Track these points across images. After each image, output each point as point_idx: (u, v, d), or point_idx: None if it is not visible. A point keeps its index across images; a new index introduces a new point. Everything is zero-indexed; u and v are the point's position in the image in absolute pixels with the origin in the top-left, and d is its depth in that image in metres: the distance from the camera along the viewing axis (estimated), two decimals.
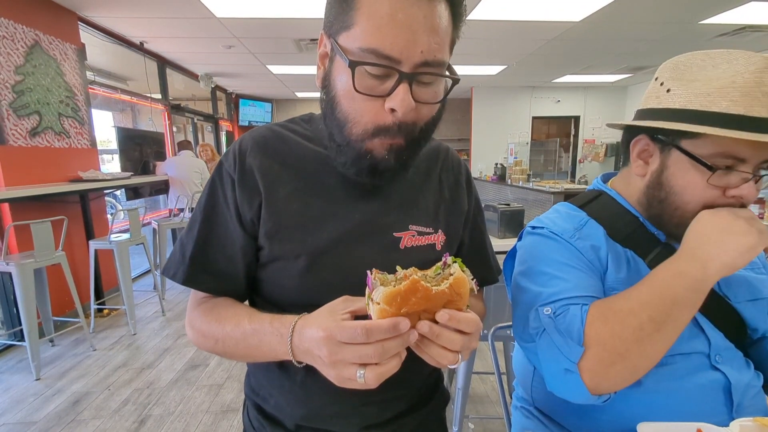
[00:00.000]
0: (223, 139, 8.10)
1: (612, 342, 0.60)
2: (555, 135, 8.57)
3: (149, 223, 4.14)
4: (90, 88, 3.79)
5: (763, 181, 0.64)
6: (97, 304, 3.32)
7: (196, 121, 6.98)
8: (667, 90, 0.66)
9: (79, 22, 3.65)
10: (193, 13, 3.68)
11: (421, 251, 0.65)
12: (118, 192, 4.59)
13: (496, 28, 4.21)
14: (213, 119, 7.39)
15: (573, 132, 8.48)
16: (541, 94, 8.11)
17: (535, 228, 0.78)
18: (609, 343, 0.60)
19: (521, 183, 6.52)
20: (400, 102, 0.51)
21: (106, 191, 3.85)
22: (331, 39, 0.54)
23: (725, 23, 4.16)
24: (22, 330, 2.51)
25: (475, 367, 1.74)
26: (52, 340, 2.97)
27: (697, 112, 0.61)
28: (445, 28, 0.52)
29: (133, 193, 4.34)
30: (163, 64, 5.32)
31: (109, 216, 3.83)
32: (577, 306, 0.64)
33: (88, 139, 3.69)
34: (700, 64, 0.64)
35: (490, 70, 6.32)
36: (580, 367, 0.61)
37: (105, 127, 5.12)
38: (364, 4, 0.50)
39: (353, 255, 0.61)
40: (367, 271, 0.48)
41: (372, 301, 0.46)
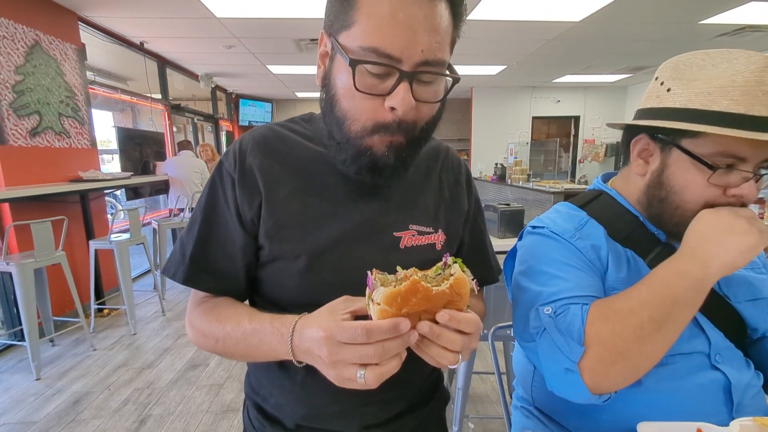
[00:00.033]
0: (223, 139, 8.10)
1: (612, 341, 0.60)
2: (555, 135, 8.57)
3: (149, 223, 4.14)
4: (90, 88, 3.79)
5: (763, 180, 0.64)
6: (98, 304, 3.32)
7: (196, 121, 6.98)
8: (667, 89, 0.66)
9: (79, 22, 3.66)
10: (193, 13, 3.68)
11: (421, 251, 0.65)
12: (118, 192, 4.60)
13: (496, 28, 4.21)
14: (213, 119, 7.39)
15: (573, 132, 8.48)
16: (541, 94, 8.11)
17: (535, 228, 0.78)
18: (609, 343, 0.60)
19: (521, 183, 6.52)
20: (400, 101, 0.51)
21: (106, 191, 3.85)
22: (331, 38, 0.54)
23: (725, 23, 4.16)
24: (22, 330, 2.51)
25: (475, 367, 1.74)
26: (52, 340, 2.97)
27: (698, 111, 0.61)
28: (445, 28, 0.52)
29: (133, 193, 4.34)
30: (163, 64, 5.32)
31: (109, 216, 3.83)
32: (577, 305, 0.64)
33: (88, 139, 3.69)
34: (700, 64, 0.64)
35: (490, 70, 6.32)
36: (580, 366, 0.61)
37: (105, 127, 5.14)
38: (364, 4, 0.50)
39: (353, 255, 0.61)
40: (368, 272, 0.48)
41: (372, 301, 0.46)
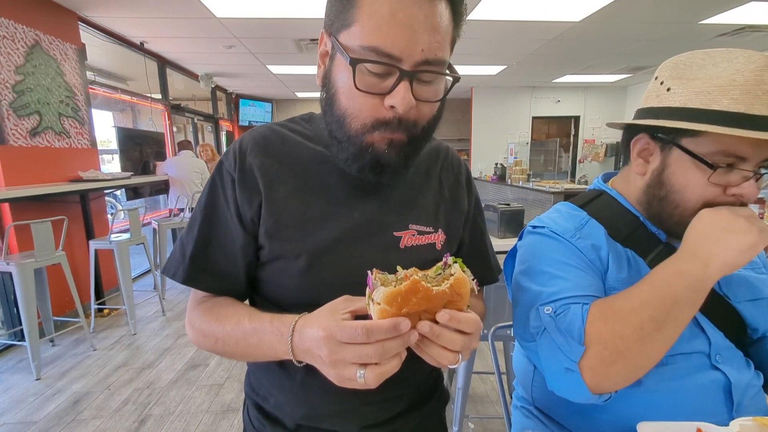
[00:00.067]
0: (223, 139, 8.10)
1: (613, 341, 0.60)
2: (555, 135, 8.57)
3: (149, 223, 4.14)
4: (90, 88, 3.79)
5: (763, 179, 0.64)
6: (98, 304, 3.32)
7: (196, 121, 6.98)
8: (667, 89, 0.66)
9: (79, 22, 3.66)
10: (193, 13, 3.68)
11: (421, 251, 0.65)
12: (118, 192, 4.60)
13: (496, 28, 4.21)
14: (213, 119, 7.39)
15: (573, 132, 8.48)
16: (541, 94, 8.10)
17: (535, 227, 0.78)
18: (610, 342, 0.60)
19: (521, 183, 6.52)
20: (400, 100, 0.51)
21: (106, 191, 3.85)
22: (331, 37, 0.55)
23: (725, 23, 4.16)
24: (22, 330, 2.51)
25: (475, 367, 1.74)
26: (52, 340, 2.97)
27: (698, 111, 0.61)
28: (445, 27, 0.52)
29: (133, 193, 4.35)
30: (163, 64, 5.32)
31: (110, 216, 3.83)
32: (577, 305, 0.64)
33: (89, 139, 3.69)
34: (700, 63, 0.64)
35: (490, 70, 6.32)
36: (580, 366, 0.61)
37: (105, 127, 5.14)
38: (365, 3, 0.50)
39: (353, 254, 0.61)
40: (368, 271, 0.48)
41: (372, 301, 0.46)
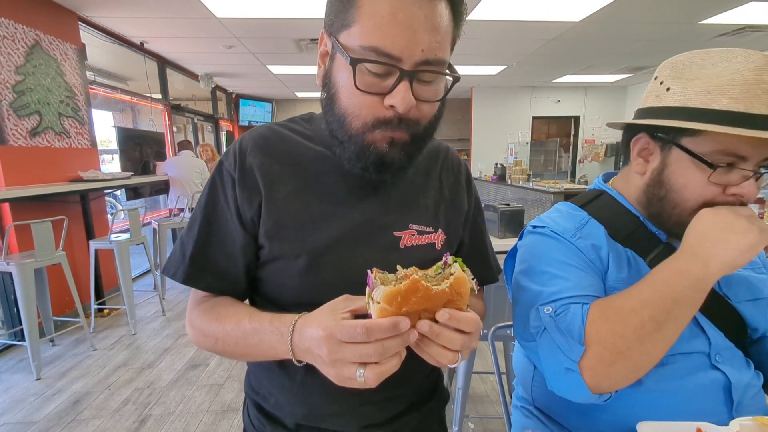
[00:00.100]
0: (223, 139, 8.10)
1: (613, 341, 0.60)
2: (555, 135, 8.57)
3: (149, 223, 4.14)
4: (90, 88, 3.79)
5: (763, 179, 0.64)
6: (98, 304, 3.32)
7: (196, 121, 6.98)
8: (666, 88, 0.66)
9: (79, 22, 3.66)
10: (193, 13, 3.68)
11: (421, 250, 0.65)
12: (119, 192, 4.60)
13: (496, 28, 4.21)
14: (213, 119, 7.39)
15: (573, 132, 8.48)
16: (541, 94, 8.10)
17: (536, 227, 0.78)
18: (610, 342, 0.60)
19: (521, 183, 6.52)
20: (400, 100, 0.51)
21: (106, 191, 3.85)
22: (331, 37, 0.55)
23: (725, 23, 4.16)
24: (22, 330, 2.51)
25: (475, 367, 1.74)
26: (52, 340, 2.97)
27: (697, 110, 0.61)
28: (445, 27, 0.52)
29: (133, 193, 4.35)
30: (163, 64, 5.32)
31: (110, 216, 3.83)
32: (577, 305, 0.64)
33: (89, 139, 3.69)
34: (699, 63, 0.64)
35: (490, 70, 6.32)
36: (580, 366, 0.61)
37: (105, 127, 5.14)
38: (365, 3, 0.50)
39: (353, 254, 0.61)
40: (368, 271, 0.48)
41: (372, 300, 0.46)
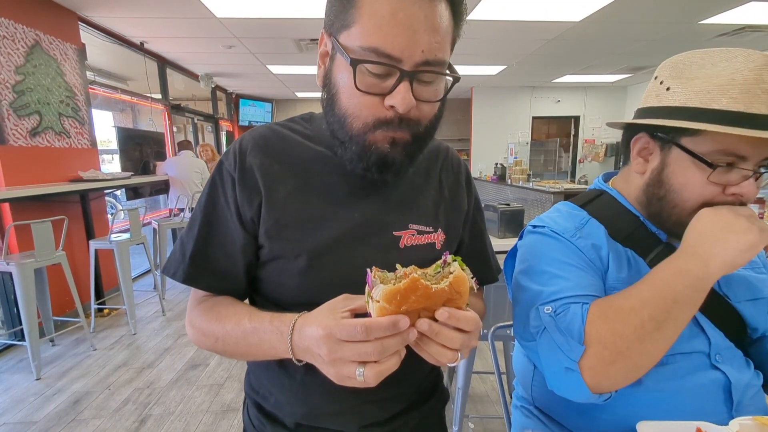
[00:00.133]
0: (223, 139, 8.10)
1: (613, 340, 0.60)
2: (555, 135, 8.57)
3: (149, 223, 4.14)
4: (90, 88, 3.79)
5: (763, 178, 0.64)
6: (98, 304, 3.32)
7: (196, 121, 6.98)
8: (666, 88, 0.66)
9: (79, 22, 3.66)
10: (193, 13, 3.68)
11: (420, 250, 0.65)
12: (119, 192, 4.60)
13: (496, 28, 4.21)
14: (213, 119, 7.39)
15: (573, 132, 8.48)
16: (541, 94, 8.10)
17: (536, 227, 0.78)
18: (610, 342, 0.60)
19: (521, 183, 6.53)
20: (400, 100, 0.51)
21: (106, 191, 3.85)
22: (331, 37, 0.55)
23: (725, 23, 4.16)
24: (22, 330, 2.51)
25: (475, 367, 1.74)
26: (52, 340, 2.97)
27: (697, 110, 0.61)
28: (445, 27, 0.53)
29: (134, 193, 4.35)
30: (163, 64, 5.32)
31: (110, 216, 3.83)
32: (577, 305, 0.64)
33: (89, 139, 3.69)
34: (699, 63, 0.64)
35: (490, 70, 6.32)
36: (580, 365, 0.61)
37: (105, 127, 5.14)
38: (365, 3, 0.50)
39: (353, 254, 0.61)
40: (367, 269, 0.48)
41: (372, 299, 0.46)
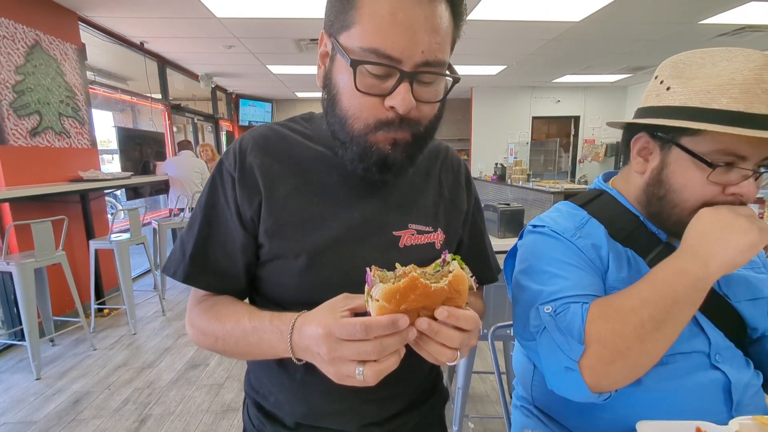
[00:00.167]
0: (223, 139, 8.10)
1: (612, 340, 0.60)
2: (555, 135, 8.57)
3: (149, 222, 4.14)
4: (90, 88, 3.79)
5: (763, 178, 0.64)
6: (98, 304, 3.32)
7: (196, 121, 6.98)
8: (667, 88, 0.66)
9: (79, 22, 3.66)
10: (193, 13, 3.68)
11: (420, 250, 0.65)
12: (119, 192, 4.60)
13: (496, 28, 4.21)
14: (213, 119, 7.39)
15: (573, 132, 8.48)
16: (541, 94, 8.10)
17: (536, 227, 0.78)
18: (609, 341, 0.60)
19: (521, 183, 6.53)
20: (400, 101, 0.51)
21: (106, 191, 3.85)
22: (331, 38, 0.55)
23: (725, 23, 4.16)
24: (22, 329, 2.51)
25: (475, 367, 1.74)
26: (52, 340, 2.97)
27: (697, 110, 0.61)
28: (445, 28, 0.53)
29: (134, 193, 4.35)
30: (163, 64, 5.32)
31: (110, 216, 3.83)
32: (577, 304, 0.64)
33: (89, 139, 3.69)
34: (699, 62, 0.64)
35: (490, 70, 6.32)
36: (580, 365, 0.61)
37: (105, 127, 5.14)
38: (365, 4, 0.50)
39: (353, 254, 0.61)
40: (367, 269, 0.48)
41: (371, 298, 0.46)
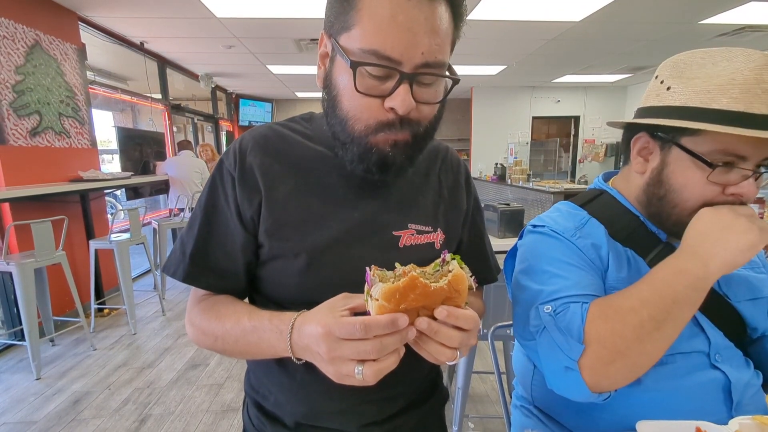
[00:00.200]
0: (223, 139, 8.10)
1: (612, 340, 0.60)
2: (555, 135, 8.57)
3: (149, 222, 4.14)
4: (90, 88, 3.79)
5: (762, 178, 0.64)
6: (98, 304, 3.32)
7: (196, 121, 6.98)
8: (667, 88, 0.66)
9: (79, 22, 3.66)
10: (193, 13, 3.68)
11: (419, 250, 0.65)
12: (119, 192, 4.60)
13: (496, 28, 4.21)
14: (213, 119, 7.39)
15: (573, 132, 8.48)
16: (541, 94, 8.10)
17: (536, 226, 0.78)
18: (609, 341, 0.60)
19: (521, 183, 6.53)
20: (400, 102, 0.52)
21: (106, 191, 3.85)
22: (331, 39, 0.55)
23: (725, 23, 4.16)
24: (22, 329, 2.51)
25: (475, 367, 1.74)
26: (52, 340, 2.97)
27: (697, 110, 0.61)
28: (445, 29, 0.53)
29: (134, 193, 4.35)
30: (163, 64, 5.32)
31: (110, 216, 3.83)
32: (577, 304, 0.64)
33: (89, 139, 3.69)
34: (700, 62, 0.64)
35: (490, 70, 6.32)
36: (580, 364, 0.61)
37: (105, 127, 5.14)
38: (364, 5, 0.50)
39: (352, 253, 0.61)
40: (366, 268, 0.48)
41: (371, 297, 0.46)
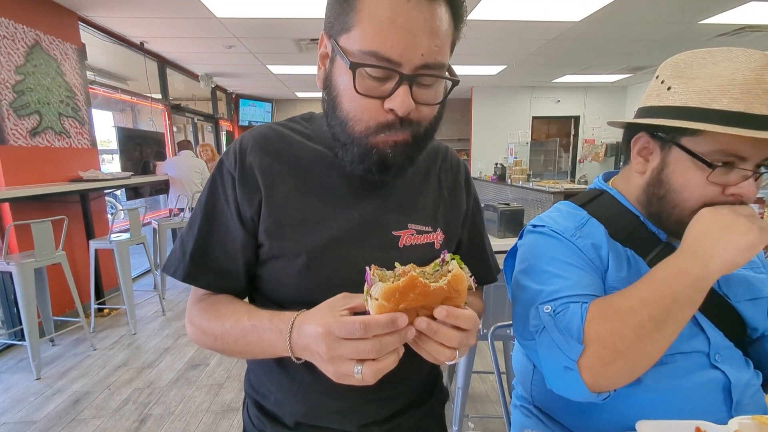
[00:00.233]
0: (223, 139, 8.11)
1: (612, 340, 0.60)
2: (555, 135, 8.57)
3: (149, 222, 4.14)
4: (90, 88, 3.79)
5: (763, 178, 0.64)
6: (98, 304, 3.32)
7: (196, 121, 6.98)
8: (667, 88, 0.66)
9: (79, 22, 3.66)
10: (193, 13, 3.68)
11: (419, 250, 0.65)
12: (119, 192, 4.60)
13: (496, 28, 4.21)
14: (213, 119, 7.40)
15: (573, 132, 8.48)
16: (541, 94, 8.11)
17: (536, 226, 0.78)
18: (609, 341, 0.60)
19: (521, 183, 6.53)
20: (400, 103, 0.52)
21: (106, 191, 3.85)
22: (331, 40, 0.55)
23: (725, 23, 4.16)
24: (22, 329, 2.51)
25: (475, 367, 1.74)
26: (52, 340, 2.97)
27: (698, 110, 0.61)
28: (445, 31, 0.53)
29: (134, 192, 4.35)
30: (163, 64, 5.32)
31: (110, 216, 3.83)
32: (577, 304, 0.64)
33: (89, 139, 3.69)
34: (700, 62, 0.64)
35: (490, 70, 6.32)
36: (579, 364, 0.61)
37: (105, 127, 5.14)
38: (364, 7, 0.50)
39: (352, 253, 0.61)
40: (366, 268, 0.48)
41: (370, 297, 0.46)
